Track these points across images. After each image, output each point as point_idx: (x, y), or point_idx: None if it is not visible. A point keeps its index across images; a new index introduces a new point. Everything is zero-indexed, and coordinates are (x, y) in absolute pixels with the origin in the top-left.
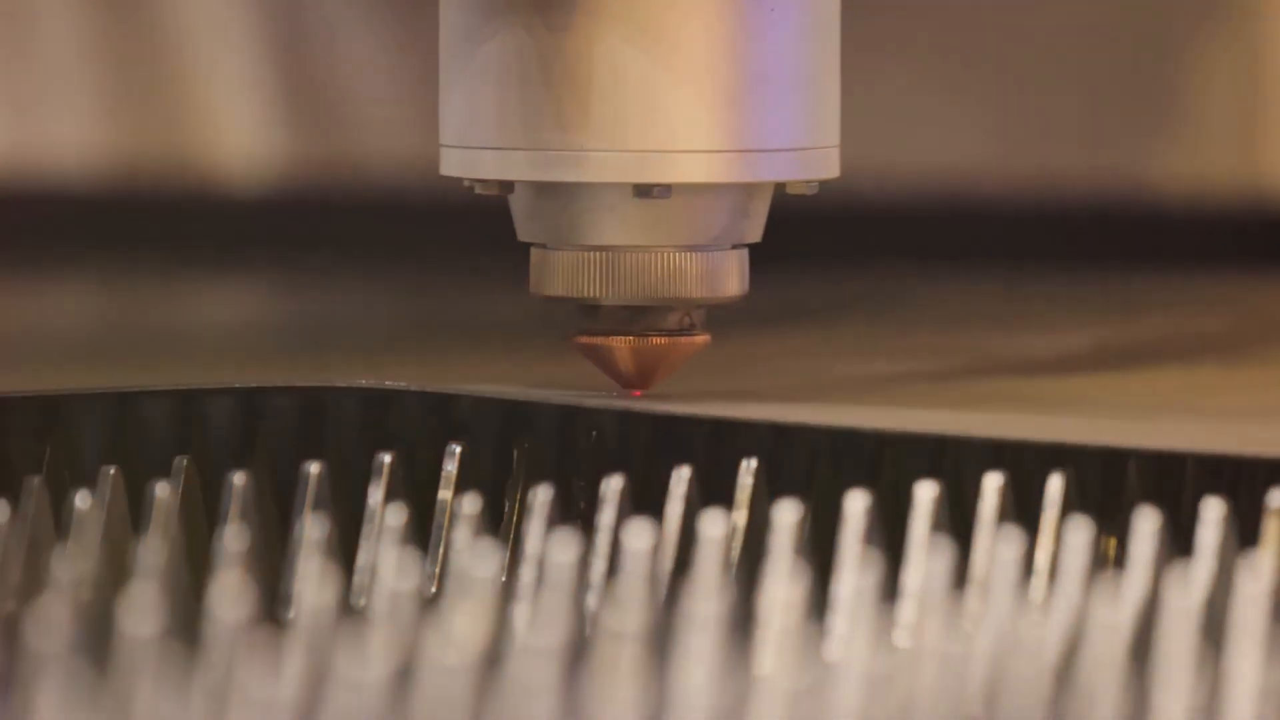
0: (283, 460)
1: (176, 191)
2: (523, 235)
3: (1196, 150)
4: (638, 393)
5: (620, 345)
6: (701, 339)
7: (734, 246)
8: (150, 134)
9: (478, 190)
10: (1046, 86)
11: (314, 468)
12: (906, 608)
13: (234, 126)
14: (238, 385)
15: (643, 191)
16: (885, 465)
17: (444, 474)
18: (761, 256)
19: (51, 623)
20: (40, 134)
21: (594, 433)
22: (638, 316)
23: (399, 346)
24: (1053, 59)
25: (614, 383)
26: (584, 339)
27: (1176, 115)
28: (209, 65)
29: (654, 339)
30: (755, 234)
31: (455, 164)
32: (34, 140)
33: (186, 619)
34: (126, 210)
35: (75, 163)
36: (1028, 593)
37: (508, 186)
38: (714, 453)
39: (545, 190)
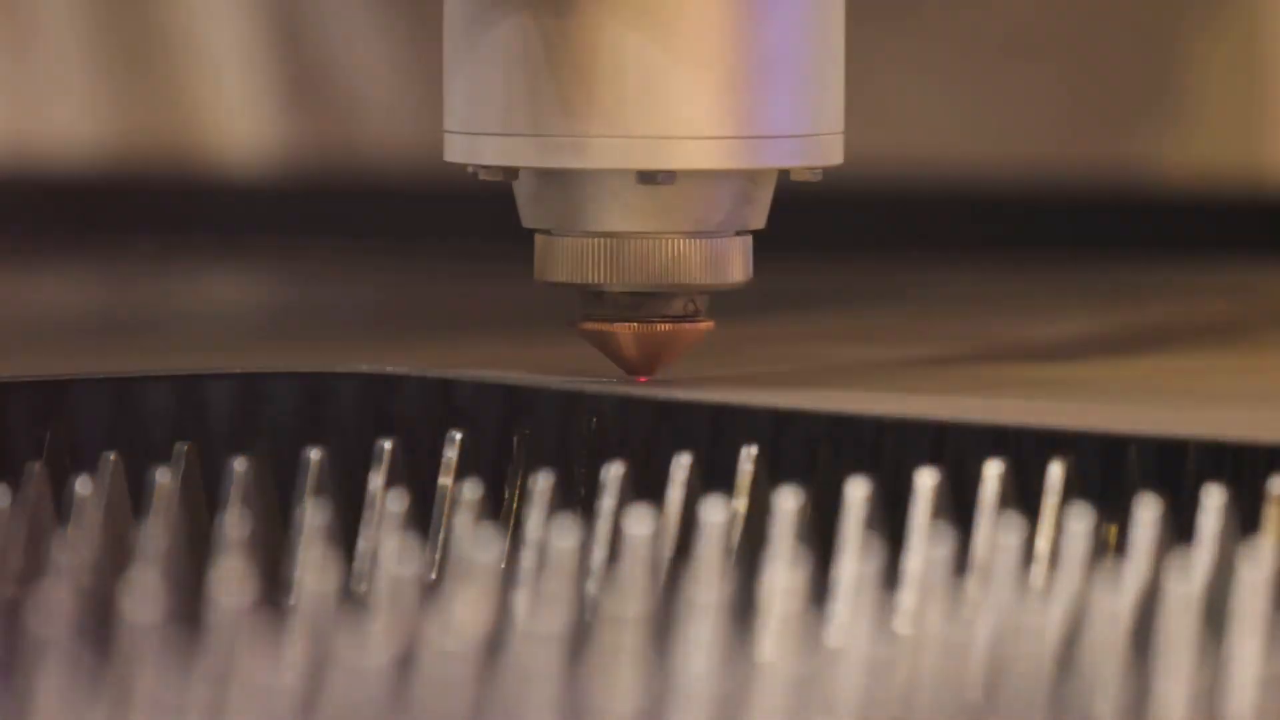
0: (283, 446)
1: (175, 177)
2: (527, 221)
3: (1197, 136)
4: (642, 379)
5: (624, 332)
6: (705, 325)
7: (738, 233)
8: (149, 120)
9: (481, 176)
10: (1048, 73)
11: (315, 454)
12: (907, 594)
13: (233, 112)
14: (238, 371)
15: (647, 178)
16: (886, 451)
17: (444, 460)
18: (761, 242)
19: (52, 609)
20: (39, 120)
21: (594, 419)
22: (642, 303)
23: (399, 332)
24: (1054, 45)
25: (618, 369)
26: (588, 325)
27: (1177, 101)
28: (208, 51)
29: (658, 325)
30: (759, 220)
31: (459, 150)
32: (33, 126)
33: (188, 605)
34: (126, 196)
35: (74, 149)
36: (1028, 579)
37: (511, 173)
38: (715, 439)
39: (549, 176)
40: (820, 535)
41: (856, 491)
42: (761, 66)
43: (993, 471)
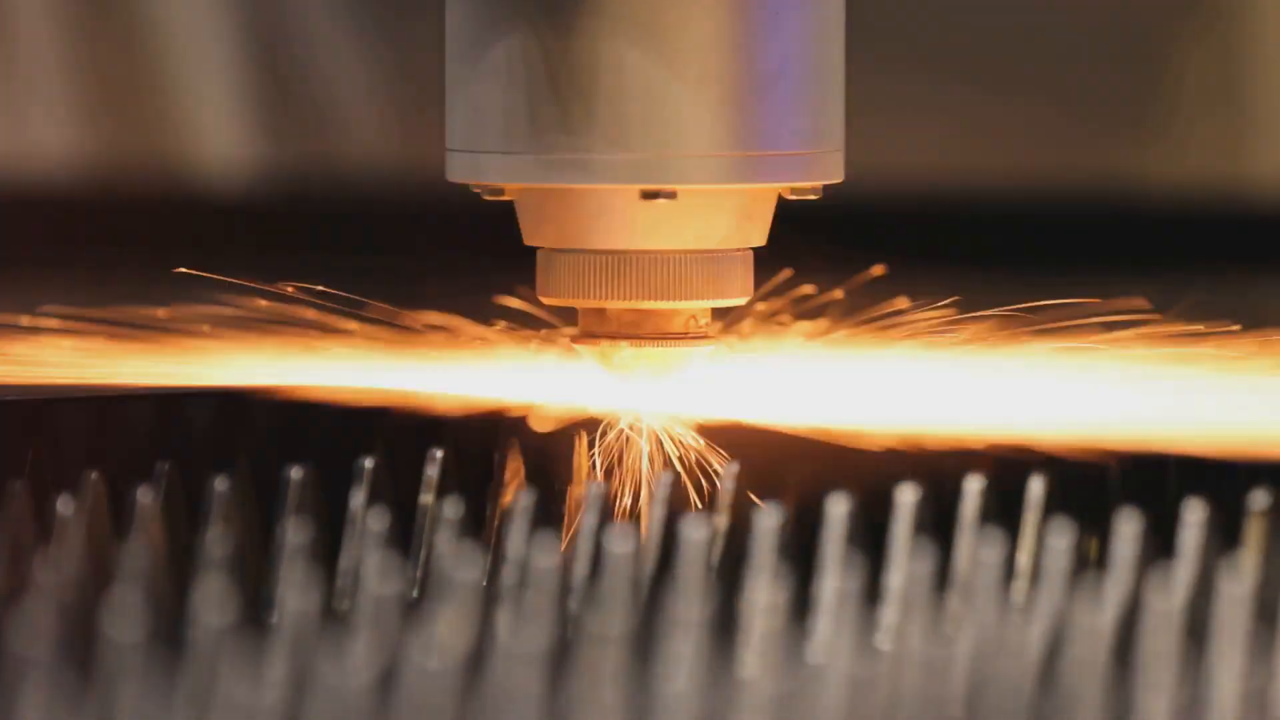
0: (265, 464)
1: (156, 194)
2: (529, 239)
3: (1179, 151)
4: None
5: (626, 349)
6: (708, 342)
7: (739, 250)
8: (129, 137)
9: (484, 196)
10: (1028, 88)
11: (296, 472)
12: (889, 610)
13: (213, 129)
14: (219, 389)
15: (649, 195)
16: (867, 466)
17: (426, 478)
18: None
19: (34, 628)
20: (19, 137)
21: (578, 434)
22: (644, 320)
23: (380, 348)
24: (1034, 60)
25: (619, 385)
26: (590, 342)
27: (1159, 116)
28: (188, 68)
29: (659, 342)
30: (760, 238)
31: (461, 169)
32: (13, 142)
33: (169, 624)
34: (106, 213)
35: (55, 166)
36: (1010, 595)
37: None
38: (696, 455)
39: (551, 194)
40: (801, 551)
41: (837, 507)
42: (764, 84)
43: (973, 487)
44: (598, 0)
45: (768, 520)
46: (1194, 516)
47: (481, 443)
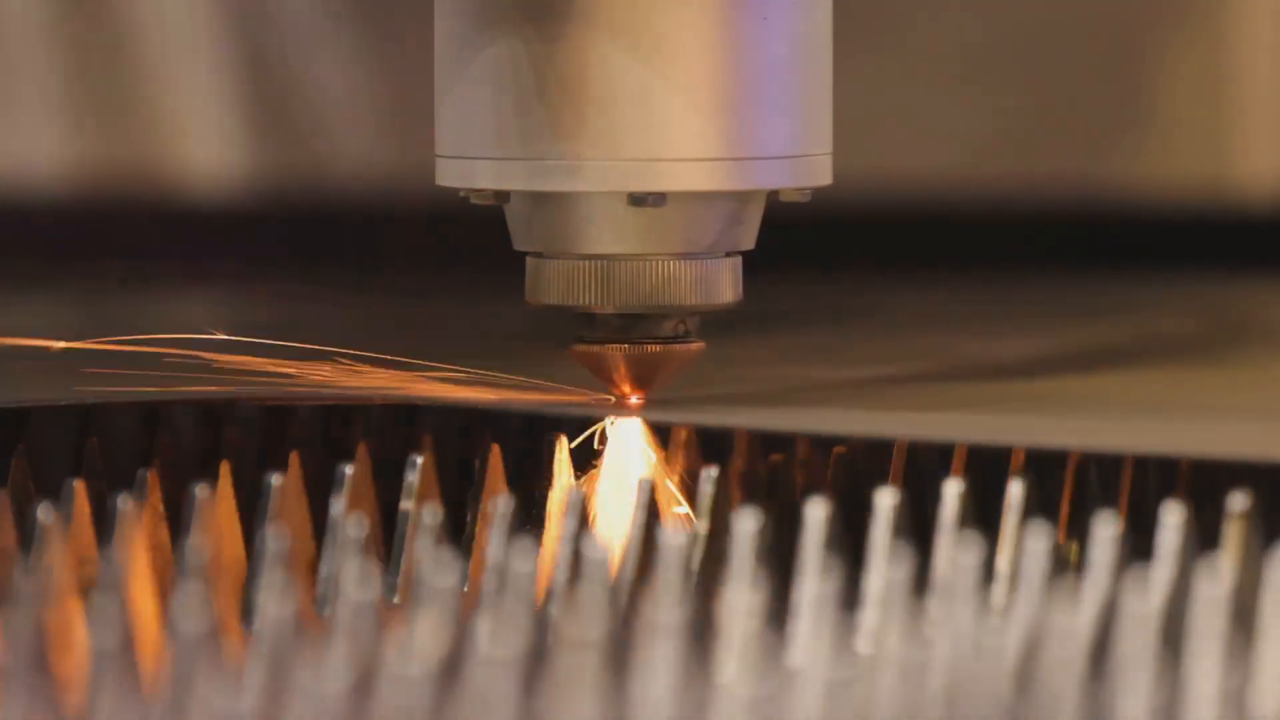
0: (246, 472)
1: (143, 203)
2: (518, 244)
3: (1163, 153)
4: (634, 400)
5: (615, 353)
6: (696, 346)
7: (728, 254)
8: (116, 146)
9: (474, 200)
10: (1014, 92)
11: (276, 479)
12: (867, 614)
13: (200, 138)
14: (201, 397)
15: (638, 200)
16: (848, 469)
17: (405, 484)
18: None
19: (14, 637)
20: (6, 146)
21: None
22: (633, 324)
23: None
24: (1020, 64)
25: (610, 390)
26: (580, 347)
27: (1142, 119)
28: (175, 77)
29: (649, 346)
30: (748, 241)
31: (451, 175)
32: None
33: (150, 631)
34: (93, 222)
35: (42, 175)
36: (988, 599)
37: (503, 196)
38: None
39: (541, 200)
40: (781, 555)
41: (816, 512)
42: (751, 88)
43: (953, 490)
44: (587, 6)
45: (747, 524)
46: (1172, 519)
47: (461, 448)
